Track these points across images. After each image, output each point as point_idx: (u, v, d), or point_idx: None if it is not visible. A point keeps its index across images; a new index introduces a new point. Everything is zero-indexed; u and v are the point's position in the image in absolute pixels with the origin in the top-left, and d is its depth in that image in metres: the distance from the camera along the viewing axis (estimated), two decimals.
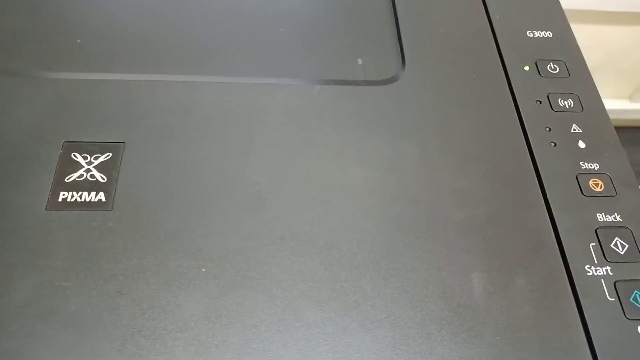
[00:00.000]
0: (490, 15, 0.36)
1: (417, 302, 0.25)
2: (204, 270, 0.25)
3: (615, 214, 0.28)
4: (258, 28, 0.35)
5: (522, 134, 0.31)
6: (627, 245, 0.27)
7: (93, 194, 0.26)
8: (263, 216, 0.26)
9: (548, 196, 0.28)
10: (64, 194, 0.26)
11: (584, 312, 0.25)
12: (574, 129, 0.31)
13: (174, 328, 0.23)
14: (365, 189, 0.28)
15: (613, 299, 0.25)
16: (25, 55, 0.32)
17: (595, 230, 0.27)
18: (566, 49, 0.35)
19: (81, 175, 0.27)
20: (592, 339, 0.24)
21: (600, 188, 0.29)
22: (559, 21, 0.36)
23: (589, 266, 0.26)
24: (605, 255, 0.26)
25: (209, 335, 0.23)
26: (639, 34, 1.02)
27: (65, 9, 0.36)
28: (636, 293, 0.25)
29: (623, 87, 1.13)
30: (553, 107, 0.32)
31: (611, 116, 0.32)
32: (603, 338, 0.24)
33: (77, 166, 0.27)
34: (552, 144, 0.30)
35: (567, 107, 0.32)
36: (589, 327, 0.24)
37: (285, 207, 0.27)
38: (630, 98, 1.15)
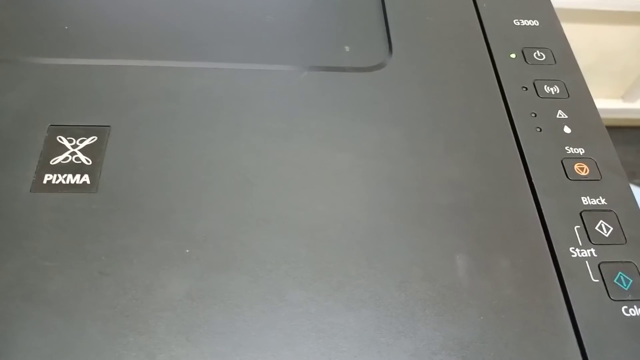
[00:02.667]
0: (478, 3, 0.36)
1: (401, 282, 0.25)
2: (187, 251, 0.25)
3: (600, 197, 0.28)
4: (246, 15, 0.35)
5: (508, 120, 0.31)
6: (611, 228, 0.27)
7: (78, 176, 0.26)
8: (249, 199, 0.26)
9: (533, 180, 0.28)
10: (48, 176, 0.26)
11: (568, 293, 0.25)
12: (560, 115, 0.31)
13: (157, 308, 0.23)
14: (352, 173, 0.28)
15: (597, 280, 0.25)
16: (13, 42, 0.32)
17: (580, 213, 0.27)
18: (552, 37, 0.35)
19: (66, 158, 0.27)
20: (576, 320, 0.24)
21: (585, 172, 0.29)
22: (546, 10, 0.36)
23: (573, 248, 0.26)
24: (590, 238, 0.27)
25: (192, 315, 0.23)
26: (633, 34, 1.03)
27: None
28: (620, 274, 0.26)
29: (617, 87, 1.14)
30: (539, 94, 0.32)
31: (605, 116, 0.32)
32: (587, 318, 0.24)
33: (63, 149, 0.27)
34: (538, 130, 0.30)
35: (553, 93, 0.32)
36: (573, 308, 0.24)
37: (272, 190, 0.27)
38: (623, 98, 1.16)
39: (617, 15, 0.99)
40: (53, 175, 0.26)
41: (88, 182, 0.26)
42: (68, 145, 0.27)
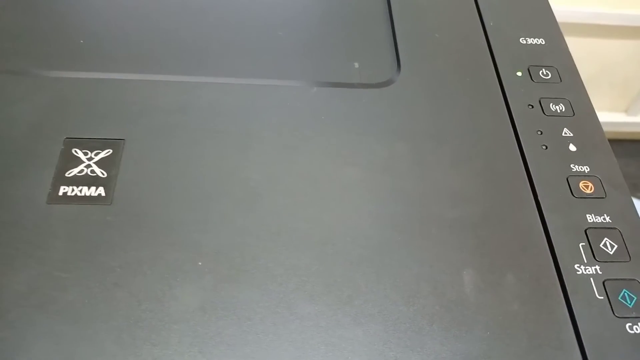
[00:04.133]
0: (484, 22, 0.37)
1: (409, 297, 0.25)
2: (200, 263, 0.25)
3: (605, 215, 0.28)
4: (256, 31, 0.36)
5: (514, 137, 0.31)
6: (616, 246, 0.27)
7: (93, 188, 0.27)
8: (259, 212, 0.27)
9: (539, 197, 0.29)
10: (64, 188, 0.27)
11: (573, 310, 0.25)
12: (565, 133, 0.32)
13: (170, 319, 0.23)
14: (360, 187, 0.28)
15: (602, 297, 0.26)
16: (29, 55, 0.33)
17: (585, 231, 0.28)
18: (558, 55, 0.35)
19: (81, 171, 0.27)
20: (581, 336, 0.25)
21: (590, 190, 0.29)
22: (552, 29, 0.37)
23: (578, 265, 0.27)
24: (595, 255, 0.27)
25: (204, 326, 0.23)
26: (631, 47, 1.04)
27: (68, 9, 0.36)
28: (625, 292, 0.26)
29: (617, 99, 1.15)
30: (545, 112, 0.32)
31: (607, 129, 0.32)
32: (592, 335, 0.25)
33: (78, 161, 0.28)
34: (544, 147, 0.31)
35: (559, 111, 0.32)
36: (578, 325, 0.25)
37: (281, 204, 0.27)
38: (627, 111, 1.16)
39: (616, 29, 1.00)
40: (68, 187, 0.27)
41: (103, 194, 0.27)
42: (83, 157, 0.28)
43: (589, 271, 0.26)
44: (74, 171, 0.27)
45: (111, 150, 0.28)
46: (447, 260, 0.26)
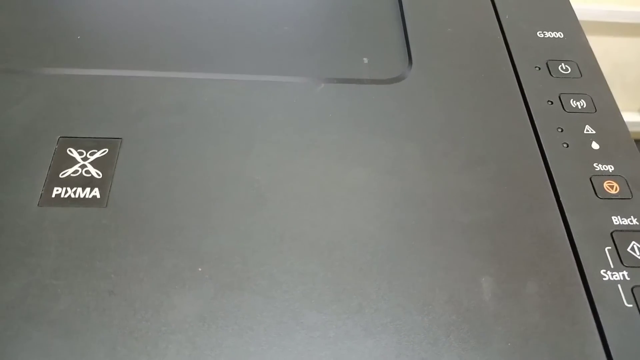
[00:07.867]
0: (500, 15, 0.35)
1: (423, 306, 0.23)
2: (200, 270, 0.24)
3: (632, 217, 0.27)
4: (261, 25, 0.34)
5: (533, 135, 0.30)
6: None
7: (88, 190, 0.25)
8: (262, 216, 0.25)
9: (561, 198, 0.27)
10: (57, 190, 0.25)
11: (600, 319, 0.24)
12: (587, 130, 0.30)
13: (167, 330, 0.22)
14: (369, 189, 0.27)
15: (631, 306, 0.24)
16: (22, 52, 0.32)
17: (611, 234, 0.26)
18: (578, 49, 0.34)
19: (76, 171, 0.26)
20: (609, 347, 0.23)
21: (615, 190, 0.28)
22: (570, 22, 0.35)
23: (604, 271, 0.25)
24: (622, 260, 0.25)
25: (203, 337, 0.22)
26: None
27: (64, 4, 0.35)
28: None
29: (630, 99, 1.13)
30: (565, 108, 0.31)
31: None
32: (620, 346, 0.23)
33: (72, 162, 0.26)
34: (565, 145, 0.29)
35: (580, 107, 0.31)
36: (606, 335, 0.23)
37: (286, 206, 0.26)
38: None
39: (629, 27, 0.98)
40: (62, 188, 0.25)
41: (98, 196, 0.25)
42: (78, 157, 0.27)
43: (616, 277, 0.25)
44: (68, 172, 0.26)
45: (107, 150, 0.27)
46: (463, 266, 0.25)
